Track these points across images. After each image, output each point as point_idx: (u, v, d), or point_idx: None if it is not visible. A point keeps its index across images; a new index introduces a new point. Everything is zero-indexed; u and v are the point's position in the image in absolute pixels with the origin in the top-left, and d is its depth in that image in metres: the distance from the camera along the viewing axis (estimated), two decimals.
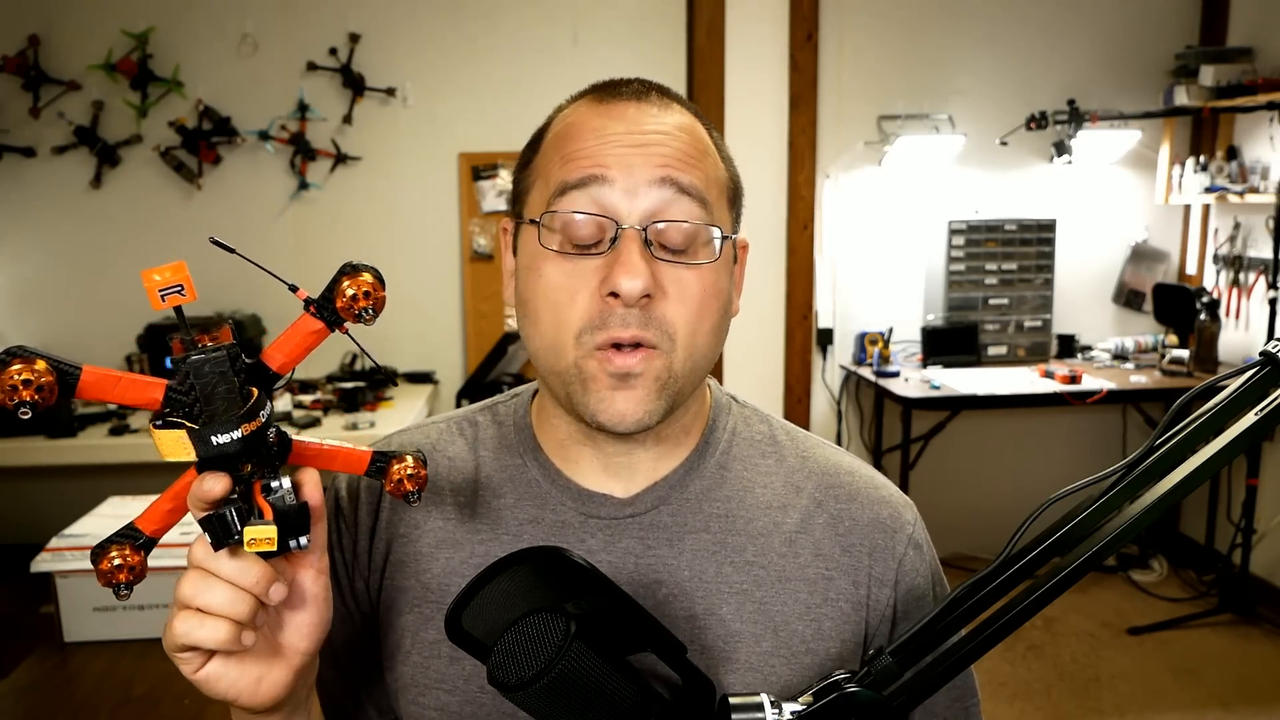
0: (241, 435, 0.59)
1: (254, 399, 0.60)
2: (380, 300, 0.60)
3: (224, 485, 0.60)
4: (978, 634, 0.61)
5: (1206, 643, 3.36)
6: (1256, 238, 3.70)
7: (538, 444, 0.84)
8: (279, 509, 0.62)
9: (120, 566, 0.63)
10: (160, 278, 0.56)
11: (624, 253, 0.72)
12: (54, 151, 3.68)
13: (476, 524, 0.82)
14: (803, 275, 3.73)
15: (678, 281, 0.74)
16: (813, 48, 3.61)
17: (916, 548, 0.84)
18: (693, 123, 0.78)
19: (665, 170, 0.74)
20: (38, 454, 3.16)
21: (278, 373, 0.62)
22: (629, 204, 0.73)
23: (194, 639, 0.62)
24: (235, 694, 0.66)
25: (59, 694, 1.45)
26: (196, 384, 0.58)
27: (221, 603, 0.62)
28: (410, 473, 0.68)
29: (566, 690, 0.57)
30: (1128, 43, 3.89)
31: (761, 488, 0.84)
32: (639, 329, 0.72)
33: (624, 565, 0.80)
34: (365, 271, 0.60)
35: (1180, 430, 0.60)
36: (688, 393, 0.78)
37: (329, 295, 0.60)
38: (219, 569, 0.62)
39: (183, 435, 0.58)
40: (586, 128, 0.76)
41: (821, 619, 0.80)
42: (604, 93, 0.79)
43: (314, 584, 0.68)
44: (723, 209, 0.79)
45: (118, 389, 0.57)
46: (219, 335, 0.59)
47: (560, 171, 0.75)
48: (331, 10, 3.74)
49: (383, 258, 3.84)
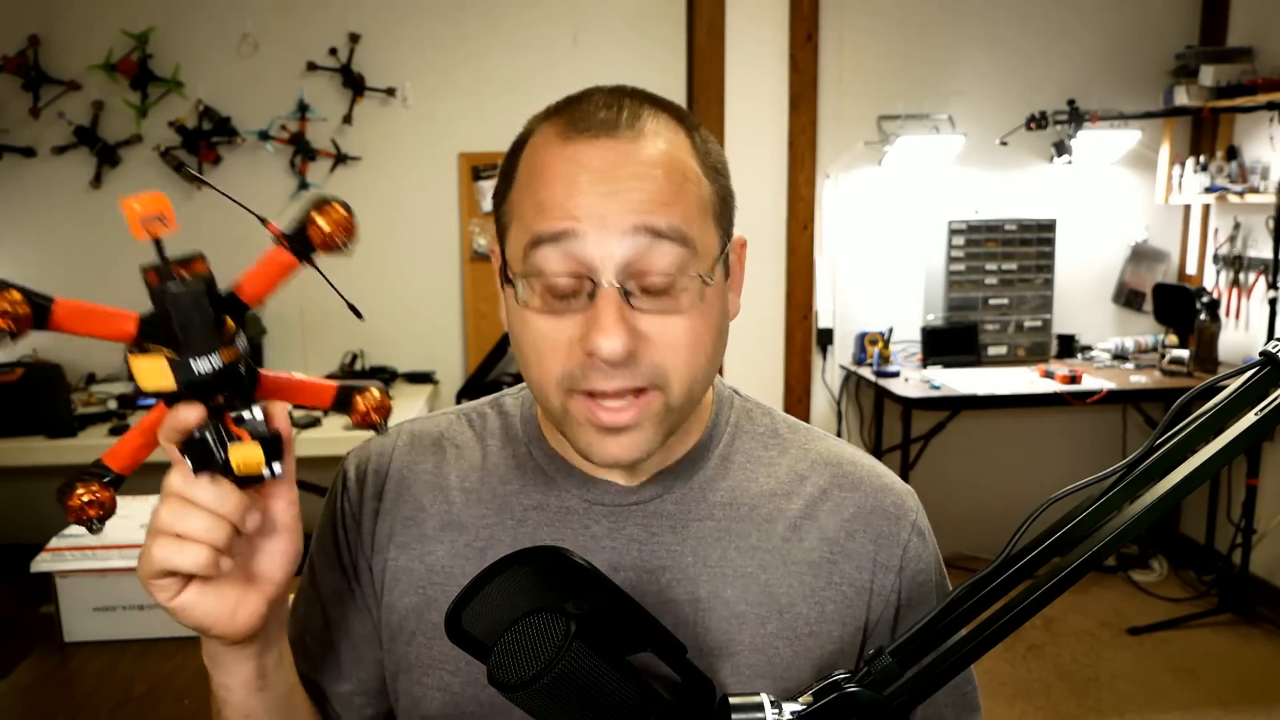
0: (221, 363, 0.59)
1: (230, 329, 0.60)
2: (354, 228, 0.61)
3: (199, 414, 0.61)
4: (978, 634, 0.61)
5: (1206, 643, 3.36)
6: (1256, 238, 3.70)
7: (541, 434, 0.86)
8: (253, 437, 0.63)
9: (91, 502, 0.63)
10: (140, 206, 0.56)
11: (601, 312, 0.69)
12: (54, 151, 3.68)
13: (482, 509, 0.84)
14: (803, 275, 3.73)
15: (663, 328, 0.72)
16: (813, 48, 3.61)
17: (920, 535, 0.85)
18: (669, 147, 0.73)
19: (639, 217, 0.70)
20: (38, 454, 3.16)
21: (248, 304, 0.62)
22: (603, 256, 0.70)
23: (173, 564, 0.63)
24: (211, 621, 0.66)
25: (59, 694, 1.45)
26: (174, 314, 0.58)
27: (199, 528, 0.62)
28: (375, 404, 0.69)
29: (566, 690, 0.57)
30: (1128, 43, 3.89)
31: (765, 477, 0.85)
32: (624, 381, 0.71)
33: (628, 551, 0.81)
34: (335, 201, 0.61)
35: (1180, 430, 0.60)
36: (687, 415, 0.78)
37: (301, 228, 0.61)
38: (196, 496, 0.62)
39: (162, 363, 0.59)
40: (556, 173, 0.72)
41: (825, 602, 0.81)
42: (571, 122, 0.73)
43: (285, 513, 0.69)
44: (708, 232, 0.75)
45: (91, 320, 0.58)
46: (194, 267, 0.59)
47: (533, 221, 0.72)
48: (331, 10, 3.74)
49: (383, 258, 3.84)
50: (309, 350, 3.85)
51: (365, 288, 3.83)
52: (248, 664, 0.72)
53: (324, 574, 0.88)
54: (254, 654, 0.72)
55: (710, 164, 0.77)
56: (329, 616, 0.87)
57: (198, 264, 0.59)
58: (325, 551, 0.88)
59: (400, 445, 0.88)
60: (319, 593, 0.88)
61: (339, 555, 0.87)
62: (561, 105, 0.76)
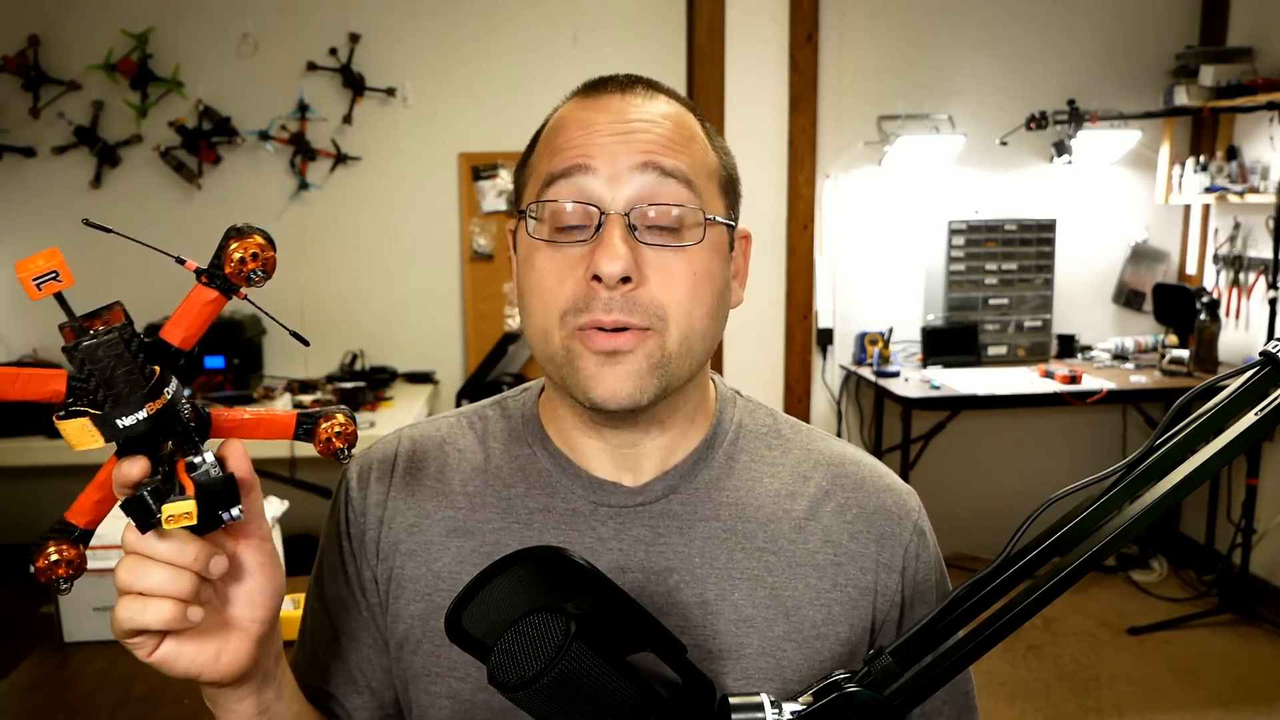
0: (147, 415, 0.58)
1: (157, 377, 0.58)
2: (270, 260, 0.59)
3: (141, 467, 0.59)
4: (978, 634, 0.61)
5: (1206, 643, 3.36)
6: (1256, 238, 3.70)
7: (546, 435, 0.85)
8: (203, 483, 0.60)
9: (58, 562, 0.62)
10: (33, 266, 0.54)
11: (606, 237, 0.73)
12: (54, 151, 3.68)
13: (487, 513, 0.83)
14: (803, 275, 3.73)
15: (664, 265, 0.74)
16: (813, 48, 3.61)
17: (921, 535, 0.86)
18: (680, 111, 0.79)
19: (648, 155, 0.74)
20: (38, 454, 3.16)
21: (179, 348, 0.61)
22: (613, 191, 0.74)
23: (139, 622, 0.62)
24: (196, 670, 0.66)
25: (59, 694, 1.45)
26: (94, 370, 0.56)
27: (161, 583, 0.61)
28: (338, 430, 0.66)
29: (566, 690, 0.57)
30: (1128, 43, 3.89)
31: (769, 477, 0.85)
32: (622, 314, 0.73)
33: (635, 553, 0.80)
34: (253, 233, 0.59)
35: (1180, 430, 0.60)
36: (683, 374, 0.77)
37: (218, 262, 0.59)
38: (153, 551, 0.61)
39: (86, 423, 0.57)
40: (573, 121, 0.78)
41: (831, 604, 0.81)
42: (592, 87, 0.81)
43: (258, 552, 0.68)
44: (712, 194, 0.79)
45: (17, 385, 0.56)
46: (109, 318, 0.57)
47: (548, 164, 0.77)
48: (331, 10, 3.74)
49: (383, 258, 3.85)
50: (309, 351, 3.85)
51: (365, 288, 3.84)
52: (246, 701, 0.72)
53: (330, 586, 0.87)
54: (251, 691, 0.71)
55: (718, 145, 0.82)
56: (337, 628, 0.87)
57: (115, 314, 0.57)
58: (331, 563, 0.87)
59: (402, 452, 0.87)
60: (326, 605, 0.87)
61: (344, 566, 0.86)
62: (582, 85, 0.83)
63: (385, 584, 0.84)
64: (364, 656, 0.86)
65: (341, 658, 0.87)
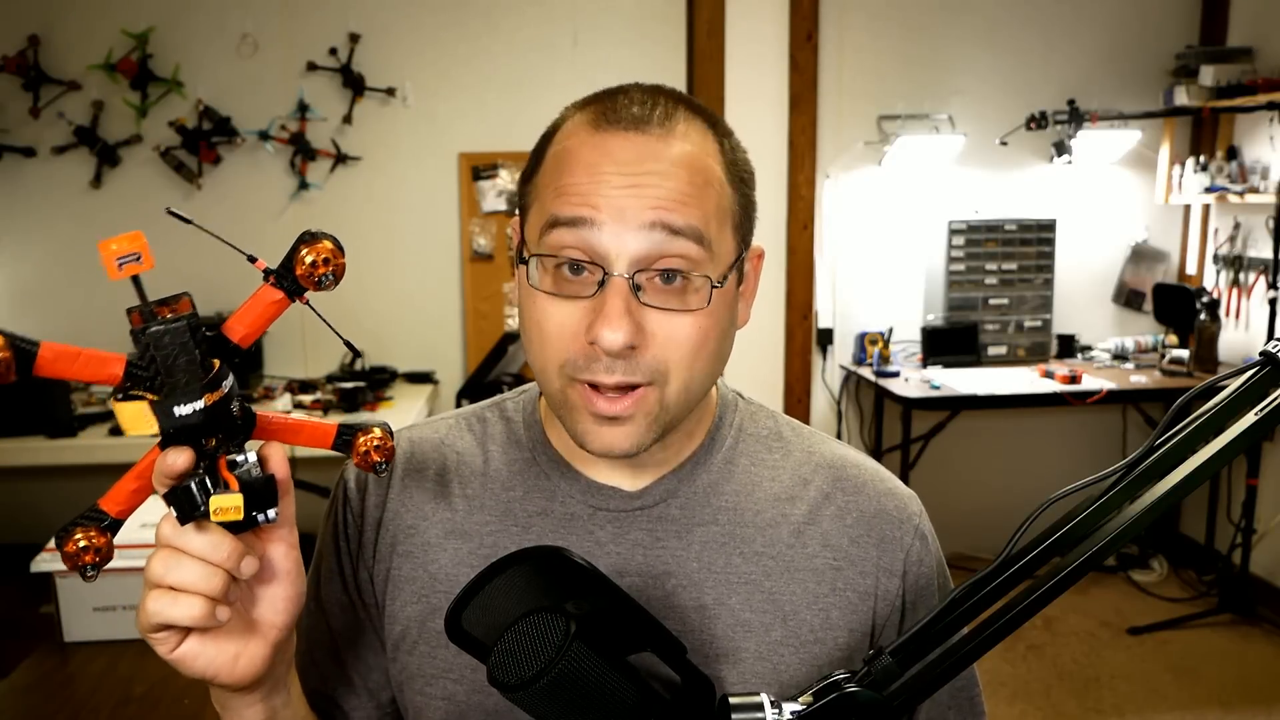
0: (204, 406, 0.58)
1: (216, 370, 0.59)
2: (340, 266, 0.60)
3: (187, 459, 0.59)
4: (978, 634, 0.61)
5: (1206, 643, 3.36)
6: (1256, 238, 3.70)
7: (546, 438, 0.85)
8: (245, 481, 0.61)
9: (86, 549, 0.62)
10: (117, 246, 0.55)
11: (608, 303, 0.70)
12: (54, 151, 3.68)
13: (485, 516, 0.83)
14: (803, 275, 3.73)
15: (668, 326, 0.72)
16: (813, 48, 3.61)
17: (922, 539, 0.85)
18: (696, 151, 0.74)
19: (657, 214, 0.70)
20: (38, 454, 3.16)
21: (239, 345, 0.61)
22: (618, 247, 0.70)
23: (167, 617, 0.61)
24: (213, 671, 0.65)
25: (59, 694, 1.45)
26: (157, 356, 0.57)
27: (193, 579, 0.61)
28: (376, 444, 0.67)
29: (566, 690, 0.57)
30: (1128, 43, 3.89)
31: (769, 481, 0.84)
32: (624, 375, 0.72)
33: (633, 557, 0.80)
34: (324, 239, 0.60)
35: (1180, 430, 0.60)
36: (682, 416, 0.77)
37: (288, 264, 0.60)
38: (188, 545, 0.61)
39: (144, 407, 0.58)
40: (581, 160, 0.73)
41: (829, 609, 0.81)
42: (604, 113, 0.74)
43: (285, 558, 0.68)
44: (725, 238, 0.75)
45: (76, 365, 0.56)
46: (178, 306, 0.58)
47: (553, 203, 0.73)
48: (331, 10, 3.74)
49: (383, 258, 3.84)
50: (309, 351, 3.85)
51: (365, 287, 3.83)
52: (255, 707, 0.71)
53: (327, 587, 0.87)
54: (261, 697, 0.71)
55: (737, 172, 0.78)
56: (334, 629, 0.87)
57: (183, 303, 0.58)
58: (328, 564, 0.87)
59: (400, 454, 0.86)
60: (323, 606, 0.87)
61: (341, 567, 0.86)
62: (598, 96, 0.77)
63: (382, 585, 0.84)
64: (361, 657, 0.86)
65: (338, 659, 0.87)
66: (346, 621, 0.86)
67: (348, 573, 0.86)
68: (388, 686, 0.86)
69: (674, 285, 0.72)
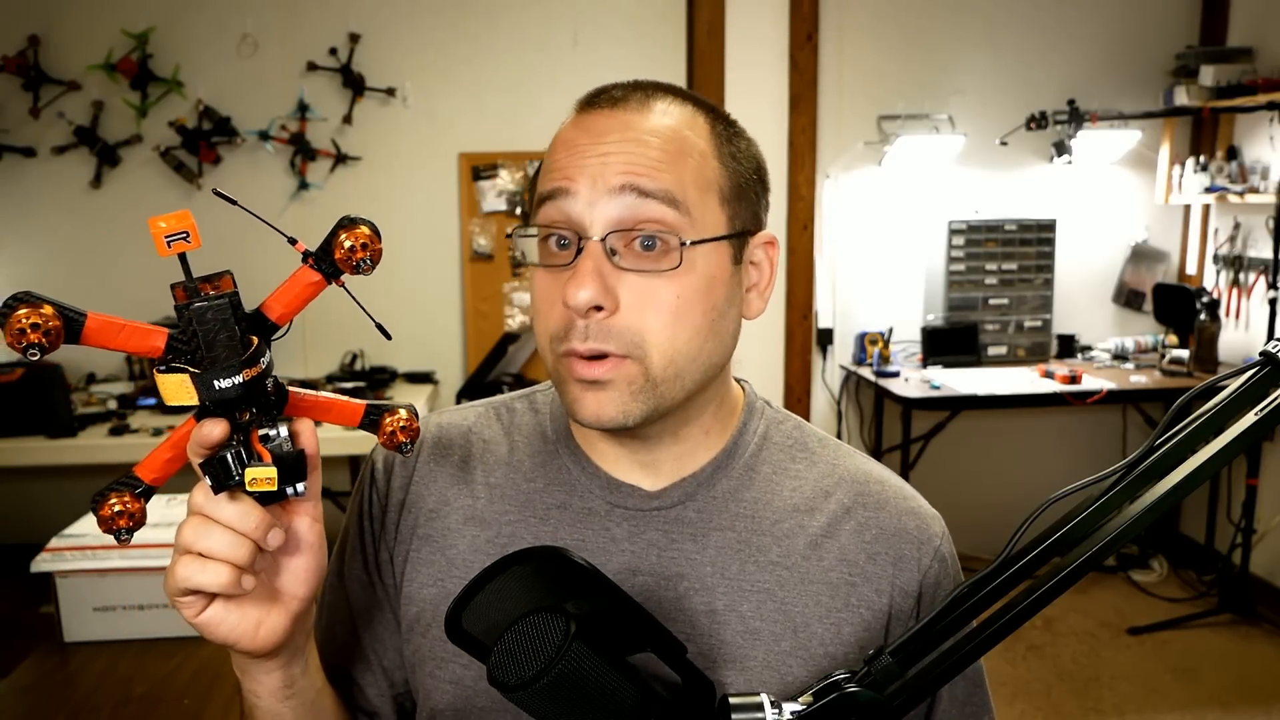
0: (243, 380, 0.61)
1: (254, 346, 0.61)
2: (377, 251, 0.62)
3: (223, 429, 0.62)
4: (978, 634, 0.61)
5: (1206, 643, 3.36)
6: (1256, 238, 3.70)
7: (570, 433, 0.86)
8: (277, 454, 0.64)
9: (121, 513, 0.64)
10: (166, 224, 0.57)
11: (579, 265, 0.72)
12: (54, 151, 3.68)
13: (506, 505, 0.84)
14: (803, 275, 3.73)
15: (644, 290, 0.73)
16: (813, 48, 3.61)
17: (941, 561, 0.84)
18: (677, 122, 0.76)
19: (626, 176, 0.72)
20: (38, 454, 3.16)
21: (276, 323, 0.64)
22: (591, 214, 0.73)
23: (195, 582, 0.64)
24: (236, 638, 0.68)
25: (59, 694, 1.45)
26: (199, 330, 0.59)
27: (222, 547, 0.63)
28: (403, 424, 0.69)
29: (566, 690, 0.57)
30: (1128, 43, 3.89)
31: (790, 491, 0.84)
32: (597, 342, 0.73)
33: (647, 556, 0.81)
34: (362, 224, 0.62)
35: (1180, 430, 0.60)
36: (677, 395, 0.76)
37: (327, 247, 0.62)
38: (219, 514, 0.64)
39: (186, 379, 0.60)
40: (562, 141, 0.77)
41: (841, 623, 0.80)
42: (588, 102, 0.79)
43: (309, 531, 0.70)
44: (709, 209, 0.75)
45: (121, 336, 0.59)
46: (220, 284, 0.60)
47: (540, 185, 0.77)
48: (331, 10, 3.74)
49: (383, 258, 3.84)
50: (309, 350, 3.85)
51: (365, 287, 3.80)
52: (274, 674, 0.73)
53: (350, 564, 0.89)
54: (280, 665, 0.73)
55: (729, 151, 0.79)
56: (353, 606, 0.88)
57: (225, 281, 0.61)
58: (352, 542, 0.89)
59: (427, 438, 0.88)
60: (344, 582, 0.89)
61: (363, 546, 0.88)
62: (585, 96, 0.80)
63: (401, 566, 0.85)
64: (377, 636, 0.88)
65: (356, 635, 0.88)
66: (366, 600, 0.88)
67: (369, 552, 0.87)
68: (402, 667, 0.88)
69: (652, 251, 0.73)
